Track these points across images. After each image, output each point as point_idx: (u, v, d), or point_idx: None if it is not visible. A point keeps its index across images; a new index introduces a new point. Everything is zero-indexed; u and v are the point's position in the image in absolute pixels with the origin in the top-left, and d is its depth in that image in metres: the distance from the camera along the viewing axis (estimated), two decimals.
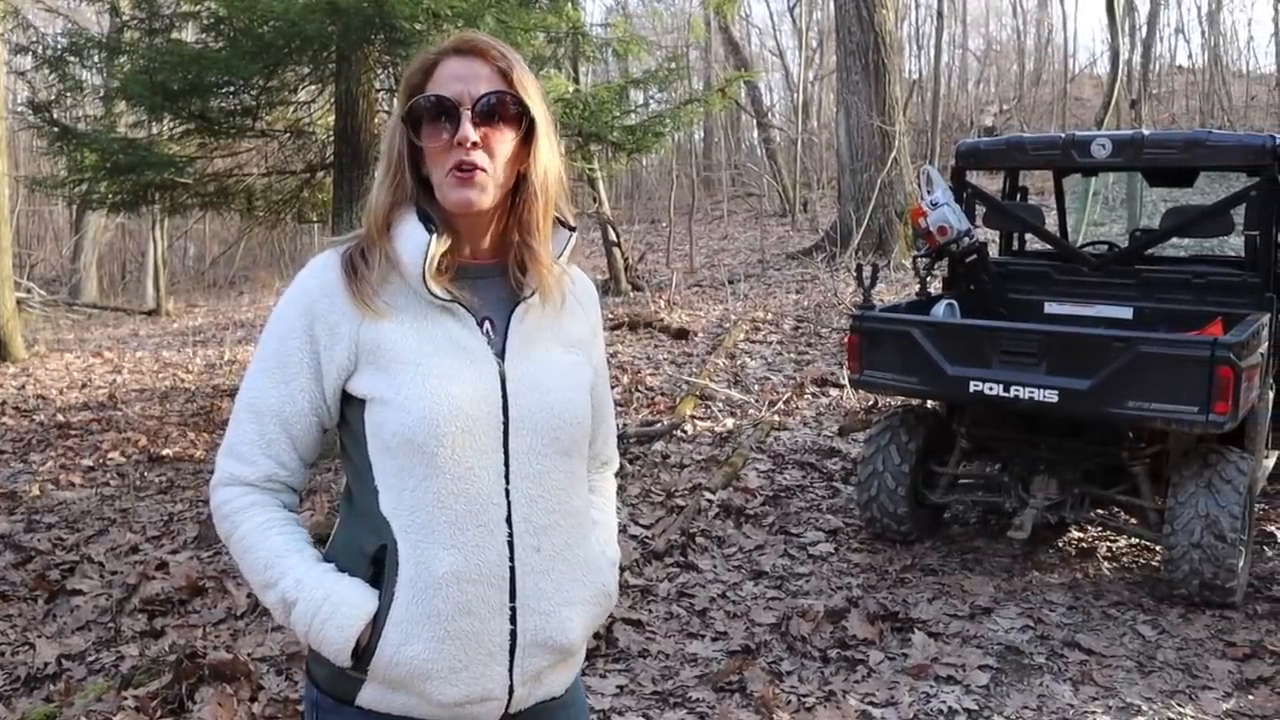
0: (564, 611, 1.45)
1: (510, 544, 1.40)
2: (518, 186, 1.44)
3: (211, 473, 1.48)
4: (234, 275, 23.76)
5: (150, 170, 6.38)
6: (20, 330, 11.75)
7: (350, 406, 1.44)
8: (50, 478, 6.25)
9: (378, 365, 1.39)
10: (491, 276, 1.47)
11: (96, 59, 7.13)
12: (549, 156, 1.44)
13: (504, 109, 1.39)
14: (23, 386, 9.62)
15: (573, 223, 1.50)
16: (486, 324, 1.45)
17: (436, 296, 1.39)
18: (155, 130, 7.45)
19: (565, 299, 1.50)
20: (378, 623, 1.37)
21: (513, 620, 1.40)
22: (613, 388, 7.66)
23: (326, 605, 1.36)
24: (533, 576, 1.42)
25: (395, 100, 1.44)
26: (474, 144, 1.36)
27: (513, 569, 1.40)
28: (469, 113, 1.37)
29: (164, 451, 6.78)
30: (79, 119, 8.31)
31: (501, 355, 1.43)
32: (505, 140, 1.40)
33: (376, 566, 1.38)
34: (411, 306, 1.41)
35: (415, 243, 1.39)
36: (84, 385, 9.64)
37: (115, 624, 4.02)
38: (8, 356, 11.12)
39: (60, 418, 8.05)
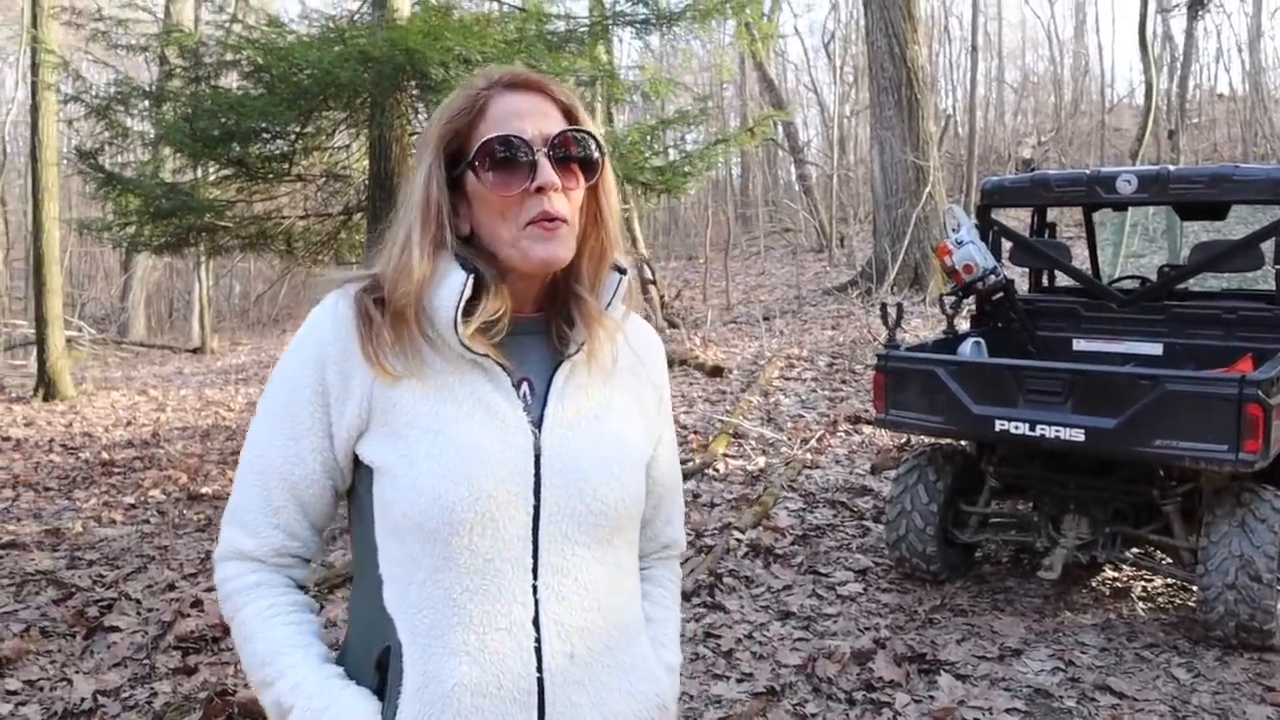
0: None
1: (538, 650, 1.17)
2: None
3: None
4: (278, 313, 24.16)
5: (191, 214, 6.57)
6: (69, 368, 12.04)
7: (359, 473, 1.23)
8: (93, 515, 6.39)
9: (390, 429, 1.18)
10: (533, 332, 1.26)
11: (142, 107, 7.37)
12: (615, 198, 1.27)
13: (582, 150, 1.21)
14: (70, 424, 9.85)
15: (624, 264, 1.28)
16: (524, 385, 1.23)
17: (469, 350, 1.18)
18: (197, 175, 7.67)
19: (619, 356, 1.29)
20: None
21: None
22: None
23: (325, 718, 1.15)
24: (565, 689, 1.18)
25: (429, 141, 1.23)
26: (555, 189, 1.18)
27: (541, 681, 1.17)
28: (546, 155, 1.18)
29: (203, 490, 6.90)
30: (125, 165, 8.57)
31: (538, 424, 1.21)
32: (579, 186, 1.21)
33: (381, 671, 1.18)
34: (437, 360, 1.19)
35: (449, 286, 1.17)
36: (129, 423, 9.85)
37: (150, 661, 4.09)
38: (57, 394, 11.41)
39: (105, 455, 8.23)
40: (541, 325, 1.26)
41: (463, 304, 1.16)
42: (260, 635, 1.20)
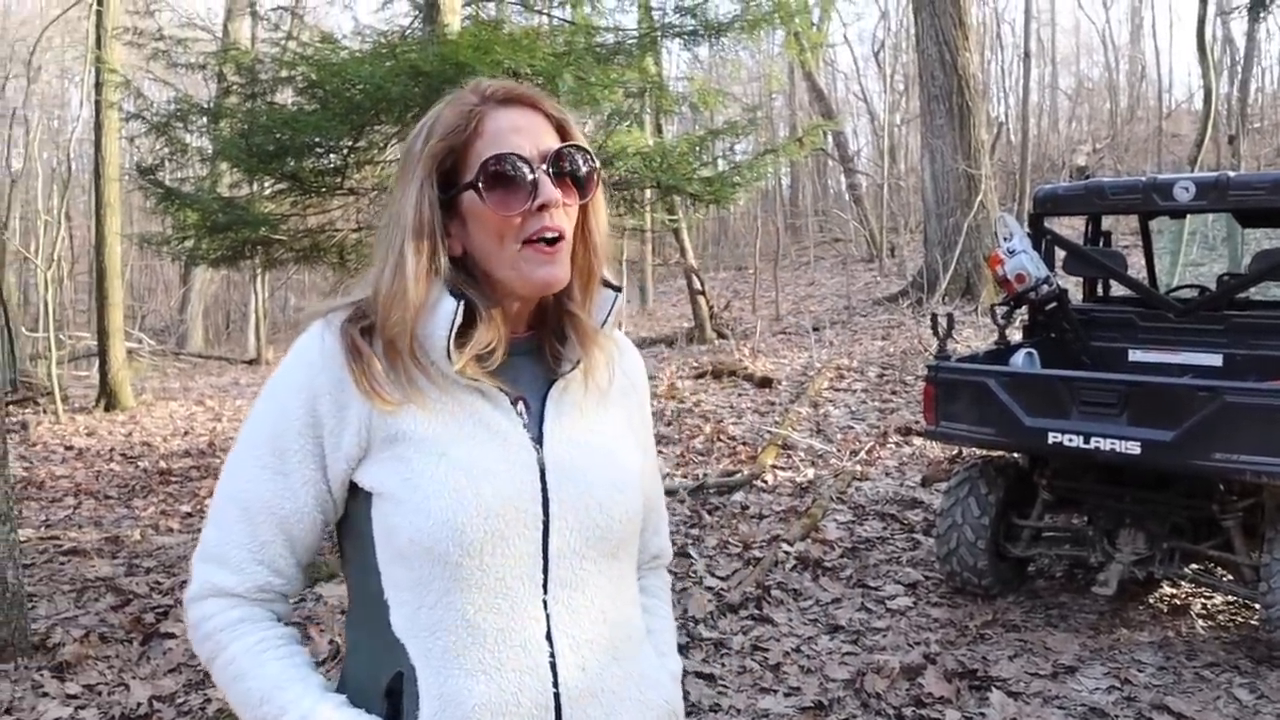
0: None
1: (553, 665, 1.16)
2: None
3: None
4: None
5: (246, 228, 6.68)
6: (130, 379, 12.34)
7: (355, 499, 1.19)
8: (151, 523, 6.53)
9: (392, 453, 1.15)
10: (525, 352, 1.25)
11: (200, 124, 7.52)
12: (605, 214, 1.25)
13: (576, 166, 1.18)
14: (130, 434, 10.08)
15: (617, 281, 1.28)
16: (520, 405, 1.22)
17: (464, 377, 1.16)
18: (253, 190, 7.81)
19: (614, 372, 1.29)
20: None
21: None
22: (693, 437, 7.71)
23: None
24: (580, 702, 1.18)
25: (419, 158, 1.18)
26: (555, 206, 1.15)
27: (557, 695, 1.16)
28: (545, 172, 1.15)
29: None
30: (184, 180, 8.76)
31: (539, 441, 1.20)
32: (575, 202, 1.19)
33: (392, 698, 1.15)
34: (433, 385, 1.17)
35: (440, 315, 1.15)
36: (186, 432, 10.05)
37: (203, 667, 4.16)
38: (118, 405, 11.69)
39: (162, 464, 8.41)
40: (533, 345, 1.25)
41: (454, 333, 1.14)
42: (253, 673, 1.15)
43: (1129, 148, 24.02)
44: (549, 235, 1.15)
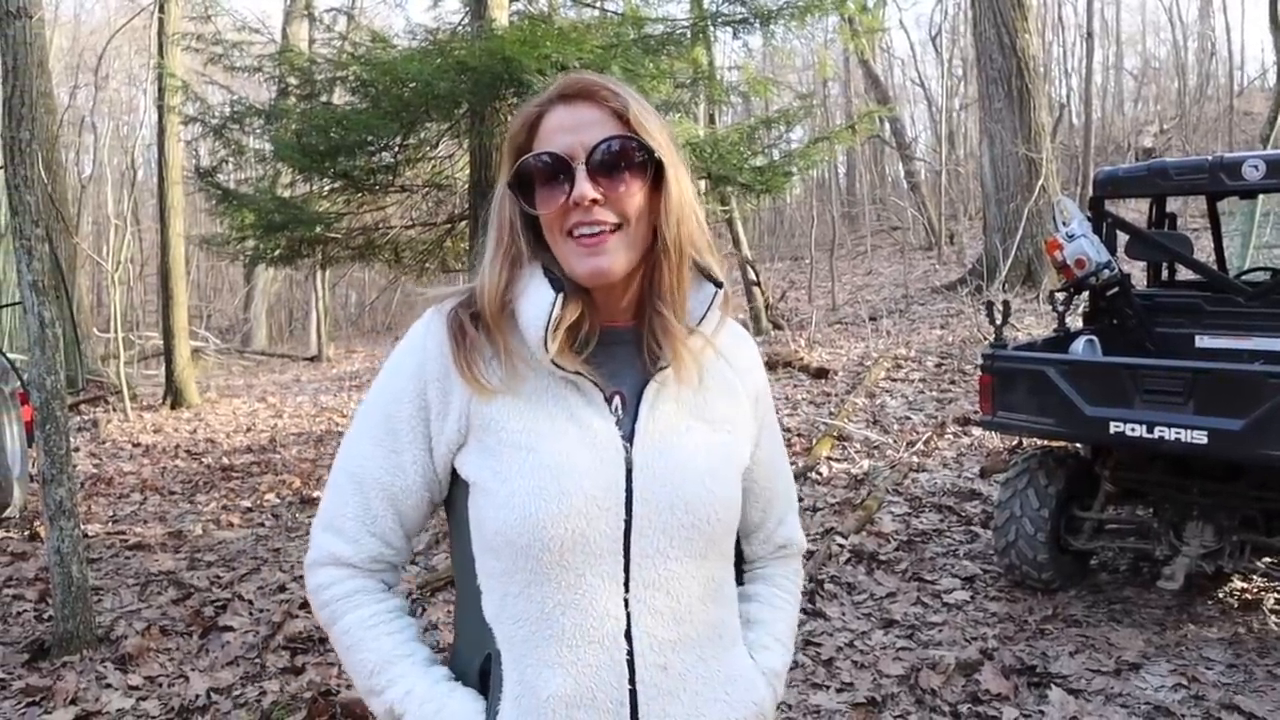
0: None
1: (630, 663, 1.18)
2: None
3: None
4: (390, 320, 24.86)
5: (302, 227, 6.77)
6: (195, 377, 12.61)
7: (457, 486, 1.26)
8: (212, 518, 6.65)
9: (485, 445, 1.20)
10: (627, 342, 1.26)
11: (257, 125, 7.64)
12: (681, 205, 1.22)
13: (625, 156, 1.18)
14: (194, 431, 10.30)
15: (720, 276, 1.27)
16: (616, 399, 1.23)
17: (559, 367, 1.19)
18: (310, 189, 7.91)
19: (704, 370, 1.27)
20: None
21: None
22: None
23: None
24: (659, 700, 1.19)
25: (503, 158, 1.26)
26: (593, 201, 1.16)
27: (633, 692, 1.18)
28: (584, 167, 1.17)
29: (315, 494, 7.12)
30: (243, 181, 8.92)
31: (630, 439, 1.21)
32: (633, 192, 1.18)
33: (484, 679, 1.21)
34: (529, 376, 1.21)
35: (538, 303, 1.19)
36: (248, 429, 10.24)
37: (261, 660, 4.22)
38: (183, 402, 11.96)
39: (225, 460, 8.57)
40: (633, 336, 1.26)
41: (552, 322, 1.17)
42: (367, 644, 1.23)
43: (1198, 128, 23.30)
44: (584, 230, 1.17)
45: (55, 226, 11.27)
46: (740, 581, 1.40)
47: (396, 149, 6.87)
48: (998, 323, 4.53)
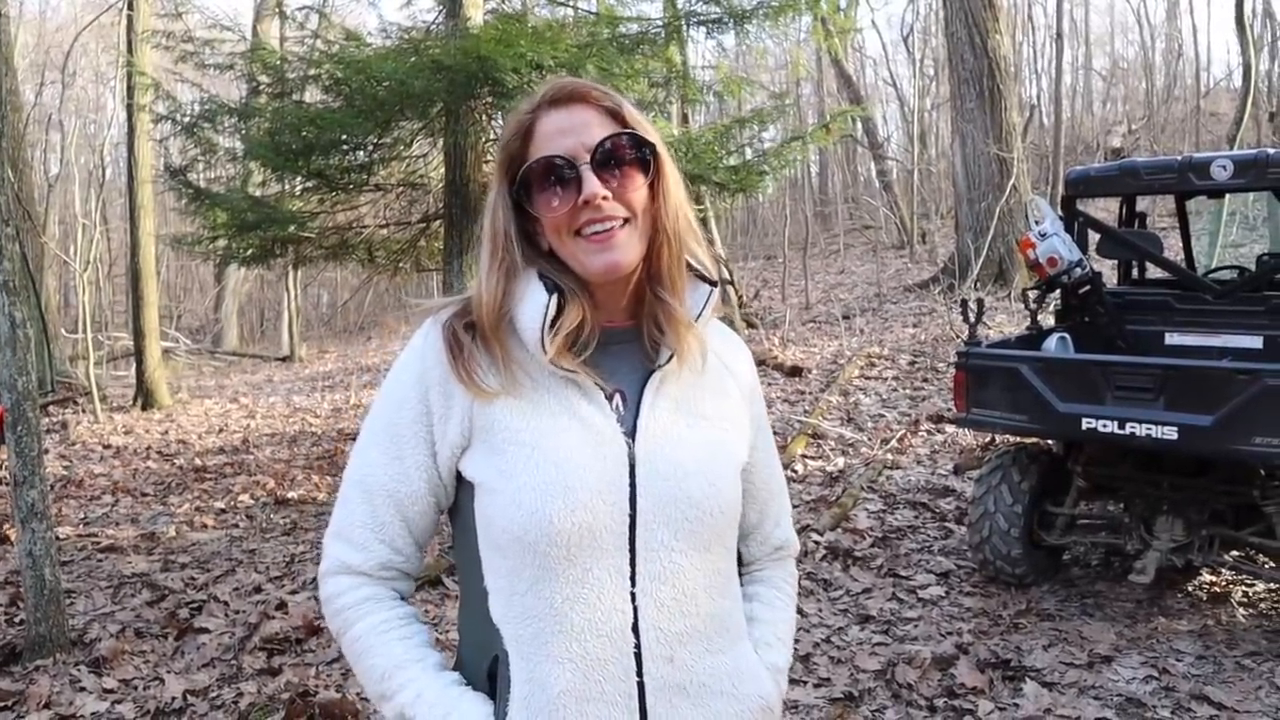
0: None
1: (638, 656, 1.20)
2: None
3: (330, 515, 1.35)
4: (363, 320, 24.71)
5: (275, 226, 6.73)
6: (166, 378, 12.49)
7: (462, 489, 1.27)
8: (186, 519, 6.59)
9: (489, 445, 1.21)
10: (626, 341, 1.28)
11: (229, 124, 7.58)
12: (678, 194, 1.26)
13: (627, 151, 1.21)
14: (166, 432, 10.20)
15: (713, 275, 1.30)
16: (617, 397, 1.25)
17: (559, 367, 1.21)
18: (282, 188, 7.86)
19: (707, 361, 1.30)
20: None
21: None
22: None
23: None
24: (666, 693, 1.21)
25: (496, 166, 1.29)
26: (603, 198, 1.19)
27: (641, 685, 1.20)
28: (589, 166, 1.19)
29: (289, 494, 7.07)
30: (215, 180, 8.84)
31: (632, 435, 1.23)
32: (637, 186, 1.22)
33: (492, 680, 1.22)
34: (529, 378, 1.23)
35: (533, 304, 1.21)
36: (220, 430, 10.16)
37: (237, 662, 4.20)
38: (154, 403, 11.85)
39: (198, 461, 8.50)
40: (633, 335, 1.28)
41: (548, 323, 1.19)
42: (377, 650, 1.24)
43: (1166, 128, 23.61)
44: (595, 227, 1.19)
45: (23, 226, 11.12)
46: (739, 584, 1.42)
47: (371, 148, 6.84)
48: (971, 321, 4.57)
